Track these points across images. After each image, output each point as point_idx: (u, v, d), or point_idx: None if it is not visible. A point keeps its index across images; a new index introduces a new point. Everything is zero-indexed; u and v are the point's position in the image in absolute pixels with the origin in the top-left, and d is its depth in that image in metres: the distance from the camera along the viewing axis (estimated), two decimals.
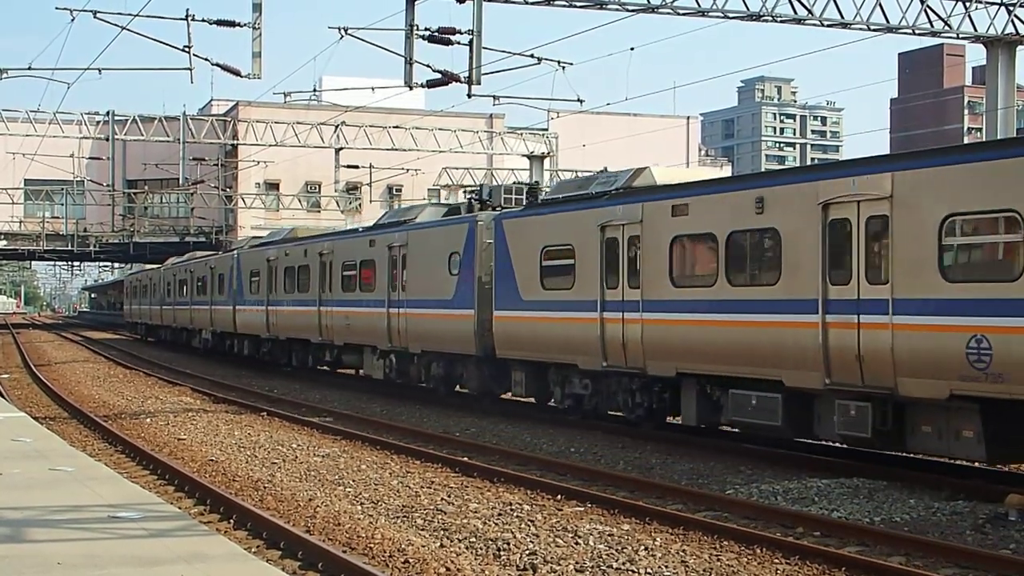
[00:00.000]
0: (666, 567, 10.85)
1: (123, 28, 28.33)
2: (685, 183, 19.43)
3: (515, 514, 13.35)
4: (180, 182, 59.84)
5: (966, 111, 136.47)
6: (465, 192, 27.99)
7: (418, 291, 26.32)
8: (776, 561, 11.16)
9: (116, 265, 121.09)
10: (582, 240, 20.48)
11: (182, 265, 52.93)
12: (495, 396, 25.21)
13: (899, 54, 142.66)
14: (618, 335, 19.53)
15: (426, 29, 25.40)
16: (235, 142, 62.66)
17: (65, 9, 28.87)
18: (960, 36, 34.03)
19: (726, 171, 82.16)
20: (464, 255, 24.45)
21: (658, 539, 12.04)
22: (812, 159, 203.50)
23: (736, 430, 18.60)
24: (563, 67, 33.44)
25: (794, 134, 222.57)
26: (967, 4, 32.87)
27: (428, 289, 25.79)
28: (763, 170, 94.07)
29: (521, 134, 60.09)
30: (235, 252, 42.67)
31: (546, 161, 57.26)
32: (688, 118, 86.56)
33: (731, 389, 17.26)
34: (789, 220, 16.21)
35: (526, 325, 22.18)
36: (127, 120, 54.75)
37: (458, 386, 26.13)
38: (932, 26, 32.83)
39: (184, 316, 51.25)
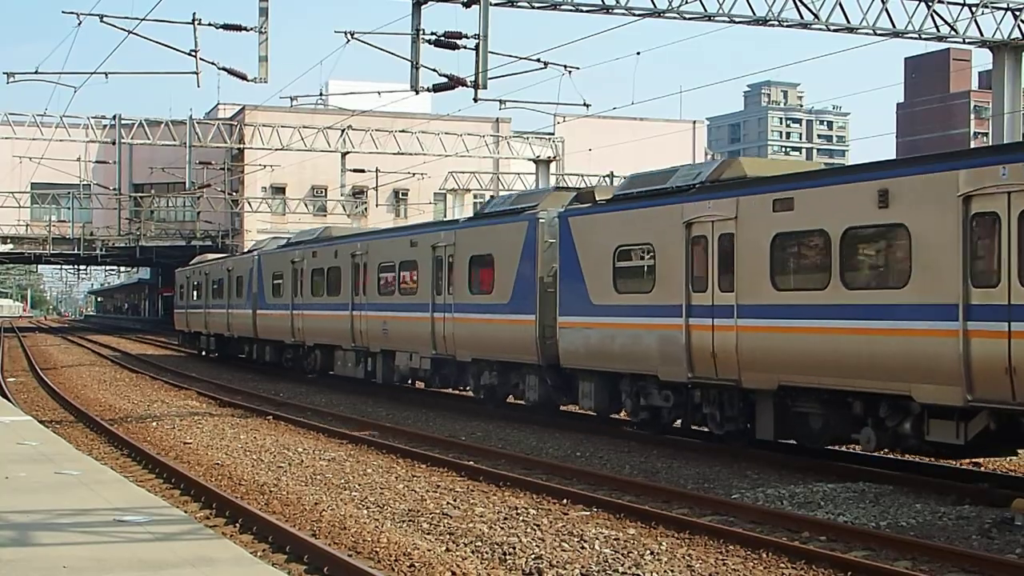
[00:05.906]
0: (672, 571, 10.85)
1: (130, 32, 28.33)
2: None
3: (521, 518, 13.35)
4: (186, 186, 60.00)
5: (972, 115, 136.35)
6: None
7: None
8: (782, 565, 11.15)
9: (122, 269, 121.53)
10: None
11: (306, 248, 35.11)
12: None
13: (905, 59, 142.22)
14: None
15: (432, 33, 25.40)
16: (241, 146, 62.95)
17: (72, 13, 28.89)
18: (966, 41, 34.05)
19: None
20: None
21: (664, 543, 12.03)
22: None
23: None
24: (569, 71, 33.40)
25: (800, 139, 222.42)
26: (973, 9, 32.88)
27: None
28: None
29: (527, 138, 60.19)
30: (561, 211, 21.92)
31: (552, 165, 57.31)
32: (694, 122, 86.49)
33: None
34: None
35: None
36: (134, 124, 54.92)
37: None
38: (938, 31, 32.85)
39: (314, 328, 33.96)
